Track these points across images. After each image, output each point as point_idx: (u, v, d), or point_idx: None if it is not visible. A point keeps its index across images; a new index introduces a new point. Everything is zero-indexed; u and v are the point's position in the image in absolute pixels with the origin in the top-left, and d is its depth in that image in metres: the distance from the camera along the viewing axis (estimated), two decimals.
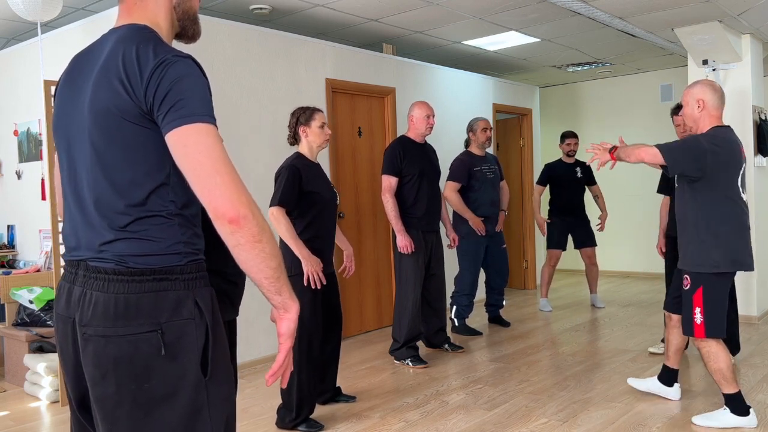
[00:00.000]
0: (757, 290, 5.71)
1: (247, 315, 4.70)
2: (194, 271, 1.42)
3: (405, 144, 4.56)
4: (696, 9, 5.12)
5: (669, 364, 3.71)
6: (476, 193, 5.32)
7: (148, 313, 1.34)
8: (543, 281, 6.50)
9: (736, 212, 3.23)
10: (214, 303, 1.45)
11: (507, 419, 3.50)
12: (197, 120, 1.31)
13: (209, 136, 1.32)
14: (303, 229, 3.38)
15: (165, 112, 1.31)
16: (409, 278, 4.50)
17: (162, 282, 1.36)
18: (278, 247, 1.40)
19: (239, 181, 1.32)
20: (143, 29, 1.42)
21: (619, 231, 8.52)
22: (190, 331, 1.37)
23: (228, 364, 1.49)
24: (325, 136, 3.48)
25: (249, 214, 1.31)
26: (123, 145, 1.35)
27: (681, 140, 3.27)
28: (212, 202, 1.30)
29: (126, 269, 1.35)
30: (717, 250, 3.19)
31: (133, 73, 1.33)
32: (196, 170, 1.30)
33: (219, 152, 1.31)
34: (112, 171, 1.36)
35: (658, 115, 8.20)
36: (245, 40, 4.77)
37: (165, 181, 1.38)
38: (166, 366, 1.35)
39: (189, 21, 1.57)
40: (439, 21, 5.58)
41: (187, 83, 1.33)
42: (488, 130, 5.41)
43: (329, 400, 3.79)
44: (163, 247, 1.38)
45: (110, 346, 1.34)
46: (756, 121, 5.77)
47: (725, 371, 3.23)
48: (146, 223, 1.37)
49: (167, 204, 1.39)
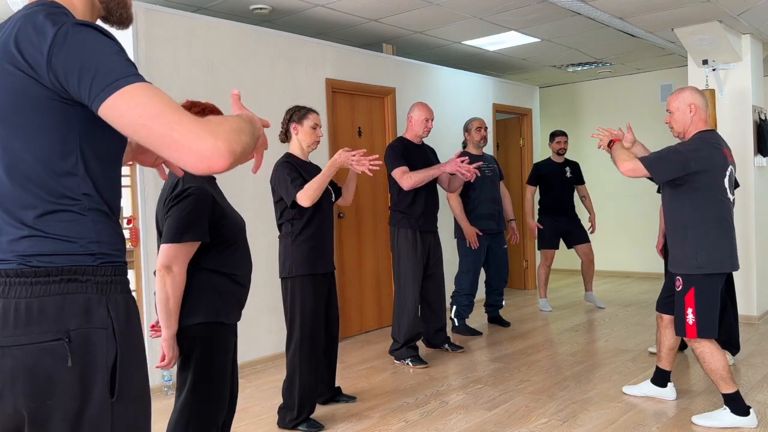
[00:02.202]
0: (757, 290, 5.71)
1: (247, 315, 4.70)
2: (109, 274, 1.27)
3: (404, 144, 4.58)
4: (696, 9, 5.12)
5: (661, 365, 3.71)
6: (476, 191, 5.32)
7: (53, 318, 1.19)
8: (540, 282, 6.52)
9: (724, 214, 3.27)
10: (130, 311, 1.30)
11: (507, 419, 3.50)
12: (122, 85, 1.14)
13: (139, 95, 1.14)
14: (302, 227, 3.38)
15: (87, 89, 1.15)
16: (408, 278, 4.51)
17: (70, 284, 1.21)
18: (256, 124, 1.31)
19: (196, 120, 1.15)
20: (49, 5, 1.25)
21: (619, 231, 8.53)
22: (99, 341, 1.22)
23: (142, 385, 1.33)
24: (316, 137, 3.46)
25: (222, 145, 1.15)
26: (21, 132, 1.21)
27: (660, 152, 3.29)
28: (186, 160, 1.14)
29: (30, 269, 1.20)
30: (702, 252, 3.23)
31: (28, 49, 1.17)
32: (148, 136, 1.14)
33: (161, 102, 1.15)
34: (11, 161, 1.22)
35: (658, 115, 8.19)
36: (245, 40, 4.77)
37: (71, 170, 1.23)
38: (71, 380, 1.19)
39: (113, 2, 1.39)
40: (439, 21, 5.58)
41: (96, 49, 1.17)
42: (482, 129, 5.42)
43: (329, 400, 3.79)
44: (74, 247, 1.23)
45: (7, 358, 1.18)
46: (756, 121, 5.77)
47: (721, 371, 3.24)
48: (54, 219, 1.23)
49: (78, 197, 1.24)
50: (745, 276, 5.59)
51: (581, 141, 8.84)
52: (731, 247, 3.29)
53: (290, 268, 3.36)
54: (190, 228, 2.12)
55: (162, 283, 2.11)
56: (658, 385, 3.72)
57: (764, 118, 5.90)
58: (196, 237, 2.13)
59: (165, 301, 2.12)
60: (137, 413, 1.31)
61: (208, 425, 2.22)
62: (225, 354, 2.26)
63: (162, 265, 2.11)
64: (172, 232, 2.12)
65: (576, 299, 6.98)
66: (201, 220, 2.14)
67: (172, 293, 2.12)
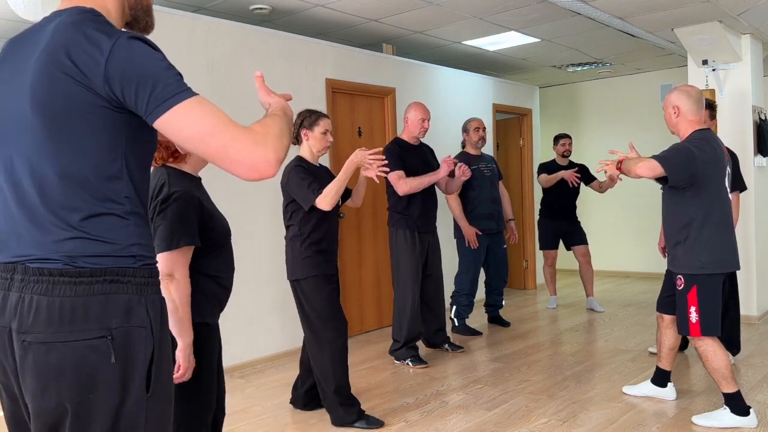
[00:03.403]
0: (757, 290, 5.71)
1: (247, 315, 4.71)
2: (147, 275, 1.33)
3: (401, 145, 4.58)
4: (696, 9, 5.12)
5: (661, 365, 3.71)
6: (476, 191, 5.32)
7: (96, 317, 1.24)
8: (547, 281, 6.57)
9: (724, 212, 3.27)
10: (163, 313, 1.37)
11: (507, 419, 3.50)
12: (180, 99, 1.24)
13: (196, 109, 1.25)
14: (311, 230, 3.39)
15: (145, 102, 1.23)
16: (407, 279, 4.51)
17: (113, 284, 1.27)
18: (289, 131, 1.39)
19: (246, 133, 1.27)
20: (88, 12, 1.32)
21: (619, 231, 8.53)
22: (139, 339, 1.28)
23: (170, 383, 1.39)
24: (326, 143, 3.47)
25: (272, 155, 1.27)
26: (73, 137, 1.26)
27: (672, 148, 3.29)
28: (242, 167, 1.26)
29: (75, 270, 1.25)
30: (705, 251, 3.23)
31: (83, 59, 1.23)
32: (206, 151, 1.25)
33: (216, 117, 1.26)
34: (59, 164, 1.26)
35: (658, 115, 8.19)
36: (245, 40, 4.77)
37: (117, 174, 1.29)
38: (113, 376, 1.25)
39: (141, 11, 1.47)
40: (439, 21, 5.58)
41: (150, 64, 1.25)
42: (480, 129, 5.42)
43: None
44: (117, 249, 1.29)
45: (53, 354, 1.23)
46: (756, 121, 5.77)
47: (723, 370, 3.24)
48: (99, 222, 1.28)
49: (122, 201, 1.30)
50: (745, 276, 5.59)
51: (581, 141, 8.84)
52: (733, 246, 3.30)
53: (300, 270, 3.38)
54: (183, 233, 2.09)
55: (167, 293, 2.07)
56: (658, 385, 3.72)
57: (764, 118, 5.90)
58: (190, 241, 2.11)
59: (174, 310, 2.08)
60: (164, 410, 1.36)
61: (198, 426, 2.21)
62: (212, 355, 2.25)
63: (163, 274, 2.07)
64: (168, 240, 2.08)
65: (576, 299, 6.98)
66: (192, 224, 2.13)
67: (179, 300, 2.09)
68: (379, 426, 3.43)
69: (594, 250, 6.59)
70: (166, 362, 1.36)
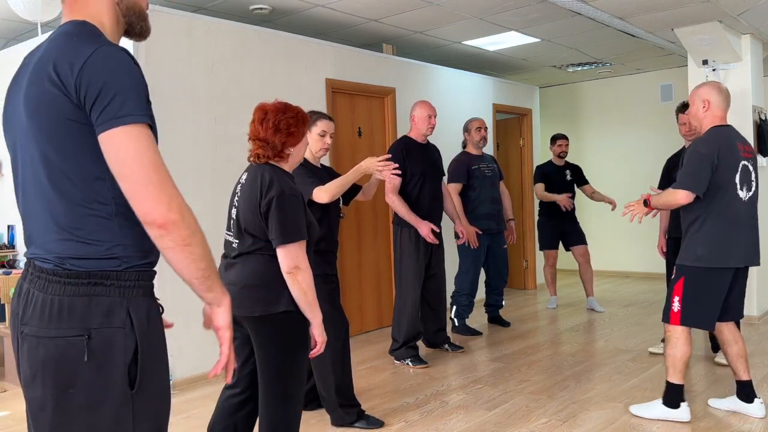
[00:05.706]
0: (757, 290, 5.71)
1: None
2: (133, 279, 1.38)
3: (407, 145, 4.56)
4: (696, 9, 5.12)
5: (739, 377, 3.44)
6: (476, 191, 5.32)
7: (79, 317, 1.32)
8: (548, 281, 6.57)
9: (732, 209, 3.25)
10: (150, 314, 1.41)
11: (507, 419, 3.50)
12: (129, 121, 1.28)
13: (140, 140, 1.29)
14: None
15: (99, 111, 1.28)
16: (409, 278, 4.51)
17: (96, 287, 1.34)
18: (208, 249, 1.39)
19: (169, 186, 1.31)
20: (81, 24, 1.39)
21: (619, 231, 8.52)
22: (118, 340, 1.34)
23: (164, 380, 1.45)
24: (323, 144, 3.45)
25: (178, 219, 1.31)
26: (58, 142, 1.32)
27: (687, 164, 3.28)
28: (141, 209, 1.30)
29: (63, 271, 1.33)
30: (702, 245, 3.25)
31: (62, 68, 1.29)
32: (127, 176, 1.29)
33: (149, 158, 1.29)
34: (51, 168, 1.34)
35: (658, 115, 8.20)
36: (245, 40, 4.77)
37: (101, 175, 1.34)
38: (91, 373, 1.32)
39: (135, 17, 1.50)
40: (439, 21, 5.58)
41: (120, 78, 1.29)
42: (482, 129, 5.42)
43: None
44: (100, 251, 1.35)
45: (40, 347, 1.32)
46: (756, 121, 5.77)
47: (679, 361, 3.30)
48: (86, 223, 1.34)
49: (107, 201, 1.35)
50: None
51: (581, 141, 8.85)
52: (739, 243, 3.27)
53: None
54: (301, 227, 2.32)
55: (296, 283, 2.29)
56: (743, 400, 3.44)
57: (764, 118, 5.90)
58: (305, 235, 2.33)
59: (303, 296, 2.30)
60: (158, 408, 1.42)
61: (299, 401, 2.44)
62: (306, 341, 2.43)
63: (290, 267, 2.29)
64: (291, 232, 2.29)
65: (576, 299, 6.98)
66: (304, 220, 2.35)
67: (308, 286, 2.31)
68: (379, 426, 3.43)
69: (594, 250, 6.58)
70: (158, 361, 1.42)
